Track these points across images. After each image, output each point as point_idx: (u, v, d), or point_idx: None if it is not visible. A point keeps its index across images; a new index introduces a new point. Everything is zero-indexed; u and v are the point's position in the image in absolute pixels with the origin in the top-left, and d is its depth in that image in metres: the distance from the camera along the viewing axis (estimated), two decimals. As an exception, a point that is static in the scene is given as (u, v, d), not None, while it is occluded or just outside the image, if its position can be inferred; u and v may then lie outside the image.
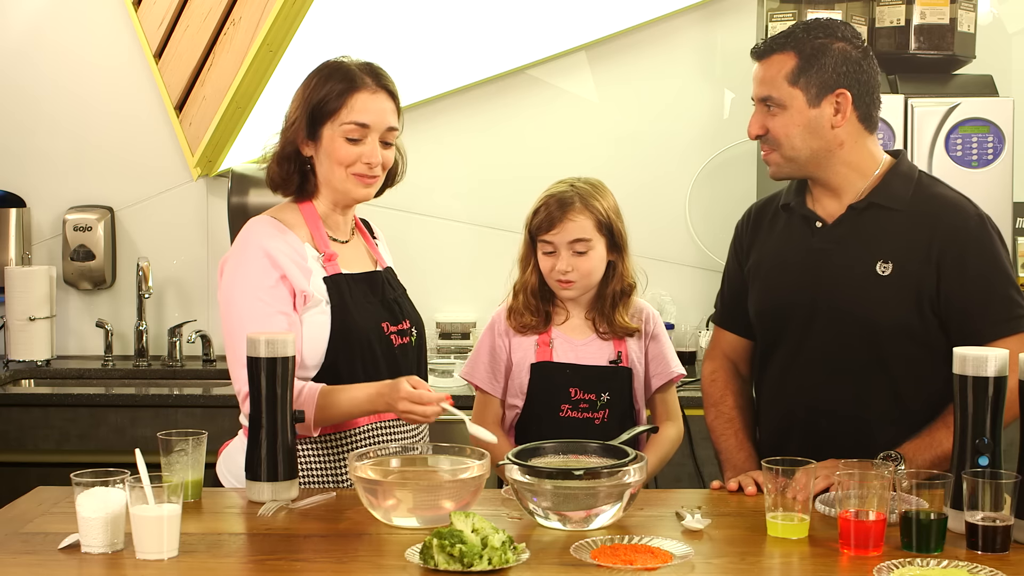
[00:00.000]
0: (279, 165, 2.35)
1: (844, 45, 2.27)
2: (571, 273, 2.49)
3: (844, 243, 2.29)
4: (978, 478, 1.82)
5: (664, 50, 4.07)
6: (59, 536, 1.87)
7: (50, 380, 3.85)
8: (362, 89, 2.30)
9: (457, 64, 4.02)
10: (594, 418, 2.50)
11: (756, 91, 2.31)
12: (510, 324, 2.56)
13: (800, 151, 2.27)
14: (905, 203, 2.27)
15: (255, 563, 1.80)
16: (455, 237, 4.08)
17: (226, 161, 3.97)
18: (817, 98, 2.25)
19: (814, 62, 2.25)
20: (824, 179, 2.31)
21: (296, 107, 2.33)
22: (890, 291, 2.24)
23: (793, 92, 2.25)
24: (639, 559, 1.76)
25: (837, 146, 2.27)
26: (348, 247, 2.40)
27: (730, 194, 4.07)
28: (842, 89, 2.25)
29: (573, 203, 2.48)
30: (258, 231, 2.30)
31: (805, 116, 2.25)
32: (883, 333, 2.24)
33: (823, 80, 2.24)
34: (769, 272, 2.42)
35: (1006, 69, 3.94)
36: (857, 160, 2.29)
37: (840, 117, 2.25)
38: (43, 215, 4.08)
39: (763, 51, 2.31)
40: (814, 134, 2.26)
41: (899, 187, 2.29)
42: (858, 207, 2.29)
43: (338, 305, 2.28)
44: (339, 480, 2.30)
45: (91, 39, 4.05)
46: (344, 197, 2.35)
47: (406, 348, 2.37)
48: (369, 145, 2.30)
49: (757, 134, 2.31)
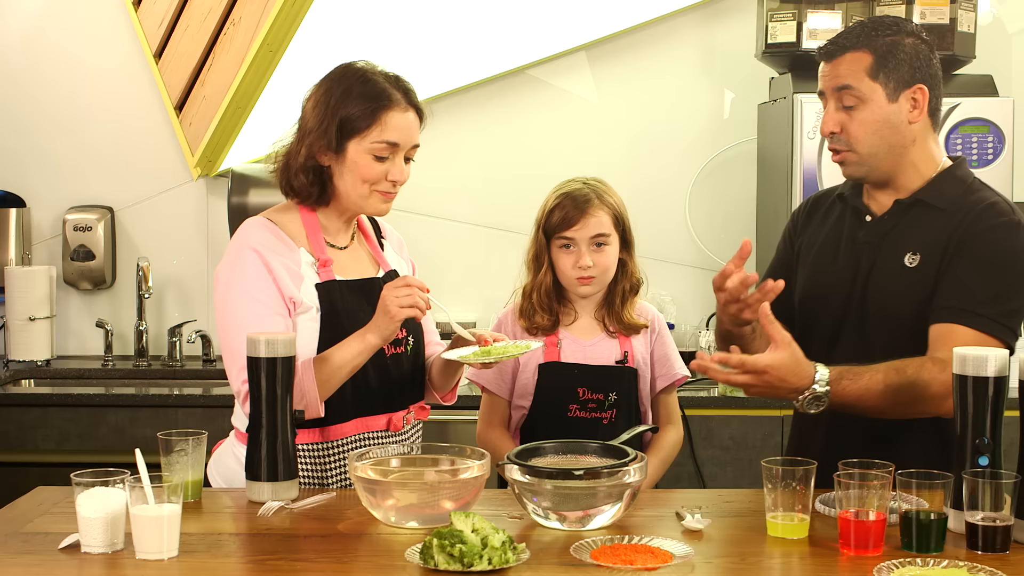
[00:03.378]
0: (300, 175, 2.27)
1: (914, 40, 2.24)
2: (592, 268, 2.50)
3: (888, 238, 2.27)
4: (978, 478, 1.82)
5: (664, 50, 4.07)
6: (59, 536, 1.87)
7: (50, 380, 3.85)
8: (394, 107, 2.23)
9: (457, 64, 4.02)
10: (602, 418, 2.52)
11: (830, 82, 2.25)
12: (521, 324, 2.57)
13: (878, 147, 2.23)
14: (949, 203, 2.23)
15: (255, 563, 1.80)
16: (454, 237, 4.08)
17: (226, 161, 3.97)
18: (895, 93, 2.21)
19: (890, 58, 2.21)
20: (895, 177, 2.27)
21: (321, 116, 2.24)
22: (914, 282, 2.21)
23: (873, 86, 2.21)
24: (639, 559, 1.76)
25: (911, 142, 2.24)
26: (346, 253, 2.35)
27: (730, 194, 4.07)
28: (920, 84, 2.22)
29: (591, 199, 2.52)
30: (251, 233, 2.26)
31: (885, 111, 2.22)
32: (905, 326, 2.21)
33: (900, 75, 2.21)
34: (816, 260, 2.39)
35: (1006, 69, 3.94)
36: (922, 158, 2.26)
37: (917, 112, 2.22)
38: (43, 215, 4.08)
39: (834, 50, 2.26)
40: (893, 130, 2.22)
41: (949, 188, 2.25)
42: (904, 203, 2.26)
43: (329, 312, 2.25)
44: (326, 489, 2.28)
45: (91, 39, 4.05)
46: (361, 211, 2.33)
47: (399, 358, 2.33)
48: (396, 164, 2.26)
49: (832, 131, 2.25)
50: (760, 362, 2.05)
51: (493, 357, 2.26)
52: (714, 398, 3.45)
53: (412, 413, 2.38)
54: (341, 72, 2.29)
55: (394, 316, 2.17)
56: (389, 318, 2.17)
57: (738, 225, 4.03)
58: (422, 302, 2.18)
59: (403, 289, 2.17)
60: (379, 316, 2.19)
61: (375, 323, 2.19)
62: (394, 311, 2.16)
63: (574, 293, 2.56)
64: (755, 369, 2.05)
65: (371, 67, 2.29)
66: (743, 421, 3.43)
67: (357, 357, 2.20)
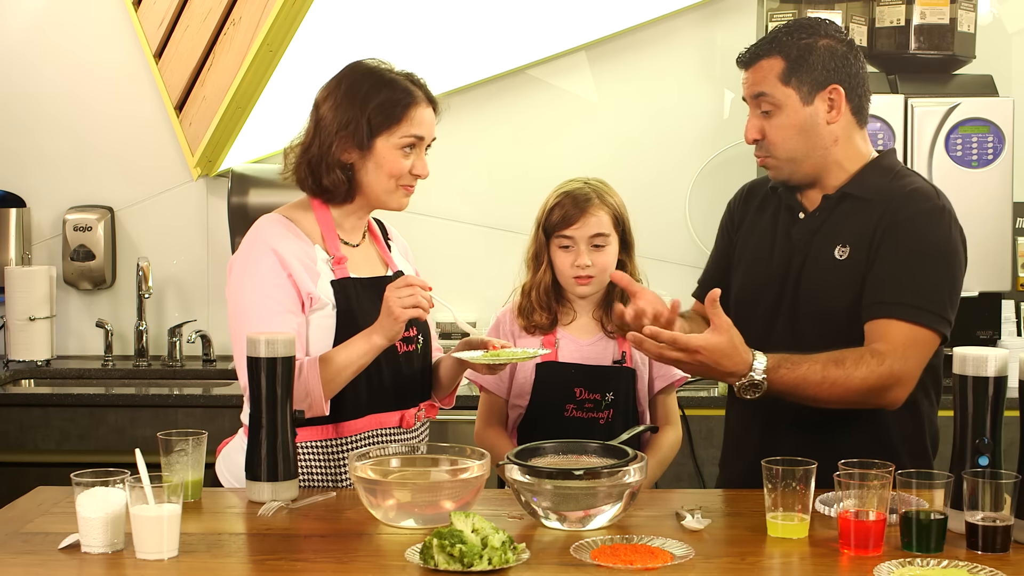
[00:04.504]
0: (332, 172, 2.28)
1: (829, 41, 2.26)
2: (590, 268, 2.50)
3: (819, 234, 2.29)
4: (978, 478, 1.82)
5: (664, 50, 4.07)
6: (59, 536, 1.87)
7: (50, 380, 3.85)
8: (419, 103, 2.29)
9: (457, 64, 4.02)
10: (599, 418, 2.51)
11: (748, 90, 2.29)
12: (520, 323, 2.57)
13: (797, 151, 2.26)
14: (875, 192, 2.24)
15: (255, 563, 1.80)
16: (454, 237, 4.08)
17: (226, 161, 3.97)
18: (810, 95, 2.24)
19: (802, 62, 2.24)
20: (820, 177, 2.29)
21: (346, 115, 2.26)
22: (845, 275, 2.22)
23: (787, 91, 2.24)
24: (639, 559, 1.76)
25: (832, 143, 2.26)
26: (359, 251, 2.38)
27: (730, 194, 4.04)
28: (835, 84, 2.24)
29: (591, 199, 2.52)
30: (267, 230, 2.29)
31: (800, 115, 2.24)
32: (837, 320, 2.22)
33: (814, 78, 2.24)
34: (751, 256, 2.41)
35: (1006, 69, 3.94)
36: (847, 156, 2.28)
37: (835, 113, 2.25)
38: (43, 215, 4.08)
39: (749, 59, 2.29)
40: (810, 132, 2.25)
41: (875, 178, 2.27)
42: (832, 198, 2.28)
43: (344, 309, 2.27)
44: (339, 486, 2.29)
45: (91, 39, 4.05)
46: (383, 206, 2.34)
47: (411, 356, 2.36)
48: (419, 157, 2.31)
49: (755, 138, 2.29)
50: (693, 342, 2.07)
51: (502, 360, 2.28)
52: (714, 398, 3.45)
53: (423, 410, 2.41)
54: (359, 71, 2.32)
55: (398, 317, 2.17)
56: (393, 319, 2.18)
57: (738, 225, 4.04)
58: (424, 301, 2.19)
59: (405, 289, 2.18)
60: (383, 317, 2.20)
61: (380, 324, 2.20)
62: (398, 312, 2.17)
63: (572, 293, 2.56)
64: (687, 348, 2.06)
65: (388, 65, 2.34)
66: (743, 421, 3.43)
67: (362, 357, 2.21)
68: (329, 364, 2.20)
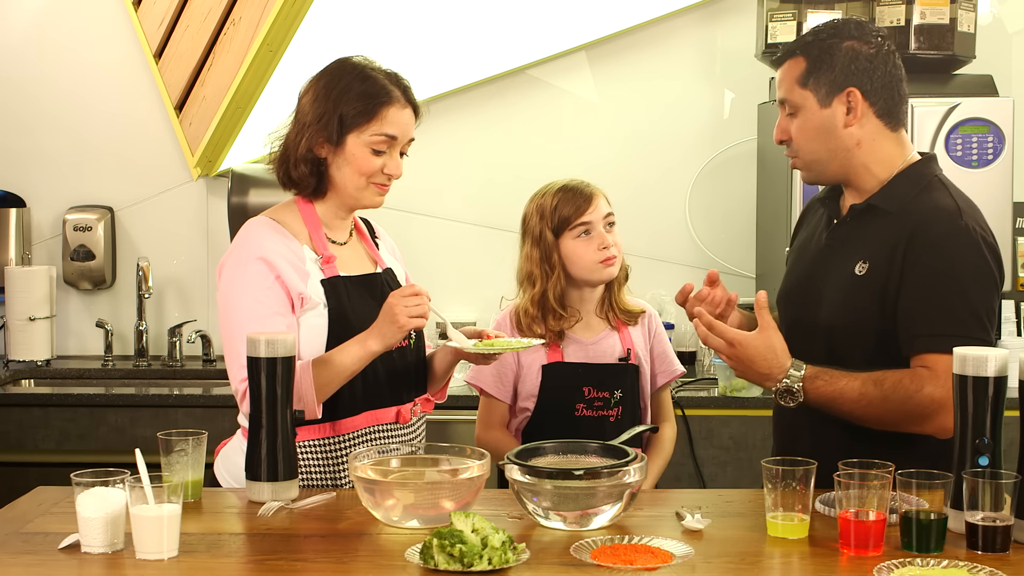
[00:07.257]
0: (301, 166, 2.30)
1: (854, 43, 2.23)
2: (613, 247, 2.52)
3: (845, 243, 2.27)
4: (978, 478, 1.82)
5: (664, 50, 4.08)
6: (59, 536, 1.87)
7: (50, 380, 3.85)
8: (394, 103, 2.28)
9: (457, 64, 4.02)
10: (608, 415, 2.52)
11: (778, 91, 2.31)
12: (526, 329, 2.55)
13: (818, 153, 2.25)
14: (899, 206, 2.20)
15: (255, 563, 1.80)
16: (453, 237, 4.08)
17: (226, 161, 3.97)
18: (828, 98, 2.22)
19: (821, 63, 2.22)
20: (849, 180, 2.28)
21: (320, 110, 2.28)
22: (860, 291, 2.20)
23: (804, 94, 2.23)
24: (639, 559, 1.76)
25: (854, 145, 2.23)
26: (346, 249, 2.38)
27: (730, 194, 4.07)
28: (851, 88, 2.22)
29: (588, 185, 2.59)
30: (255, 233, 2.29)
31: (818, 117, 2.23)
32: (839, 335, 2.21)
33: (832, 80, 2.22)
34: (792, 264, 2.43)
35: (1006, 69, 3.94)
36: (875, 160, 2.24)
37: (852, 116, 2.22)
38: (43, 215, 4.09)
39: (779, 58, 2.31)
40: (829, 135, 2.23)
41: (903, 189, 2.23)
42: (858, 208, 2.26)
43: (335, 308, 2.27)
44: (338, 484, 2.30)
45: (91, 39, 4.05)
46: (356, 204, 2.35)
47: (404, 351, 2.36)
48: (393, 158, 2.31)
49: (780, 139, 2.30)
50: (729, 332, 2.09)
51: (497, 348, 2.28)
52: (714, 398, 3.45)
53: (418, 405, 2.41)
54: (340, 67, 2.32)
55: (403, 326, 2.18)
56: (397, 327, 2.18)
57: (738, 225, 4.04)
58: (427, 311, 2.20)
59: (412, 299, 2.18)
60: (385, 324, 2.19)
61: (379, 330, 2.20)
62: (403, 320, 2.17)
63: (596, 280, 2.56)
64: (724, 336, 2.09)
65: (370, 63, 2.34)
66: (743, 421, 3.43)
67: (357, 363, 2.21)
68: (322, 369, 2.20)
